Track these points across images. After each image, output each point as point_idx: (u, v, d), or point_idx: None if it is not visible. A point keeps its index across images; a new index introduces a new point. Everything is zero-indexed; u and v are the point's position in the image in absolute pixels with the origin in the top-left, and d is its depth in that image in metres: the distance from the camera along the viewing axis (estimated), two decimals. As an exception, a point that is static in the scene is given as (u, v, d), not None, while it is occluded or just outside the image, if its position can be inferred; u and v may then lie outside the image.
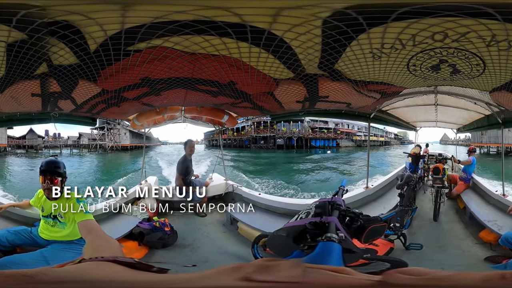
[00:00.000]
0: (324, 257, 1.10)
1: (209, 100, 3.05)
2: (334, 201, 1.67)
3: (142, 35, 1.37)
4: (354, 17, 1.19)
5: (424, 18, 1.20)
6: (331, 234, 1.22)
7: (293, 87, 2.36)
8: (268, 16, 1.20)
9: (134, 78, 2.06)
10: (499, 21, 1.17)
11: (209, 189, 5.42)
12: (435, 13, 1.14)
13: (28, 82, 2.07)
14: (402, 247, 3.47)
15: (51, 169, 2.48)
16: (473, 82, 2.19)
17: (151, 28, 1.30)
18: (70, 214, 2.39)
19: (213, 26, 1.27)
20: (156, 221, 4.05)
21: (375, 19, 1.21)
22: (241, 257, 3.47)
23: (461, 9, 1.10)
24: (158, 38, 1.41)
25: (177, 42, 1.47)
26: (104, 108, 3.16)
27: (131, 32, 1.33)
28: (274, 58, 1.65)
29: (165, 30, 1.31)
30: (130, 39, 1.42)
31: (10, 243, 2.66)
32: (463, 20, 1.20)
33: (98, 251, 1.05)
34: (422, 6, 1.11)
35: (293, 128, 37.37)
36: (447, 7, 1.10)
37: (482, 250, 3.66)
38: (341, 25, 1.24)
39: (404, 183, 4.17)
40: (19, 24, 1.24)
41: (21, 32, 1.32)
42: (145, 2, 1.17)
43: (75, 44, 1.42)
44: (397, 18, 1.20)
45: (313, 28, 1.27)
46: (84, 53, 1.53)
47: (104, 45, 1.45)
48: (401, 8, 1.11)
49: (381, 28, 1.29)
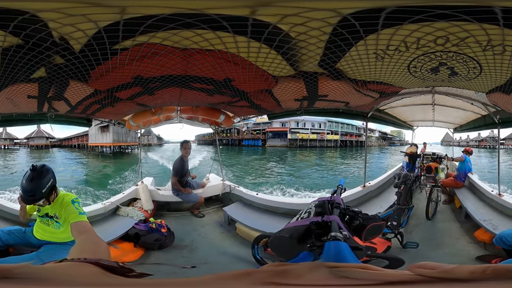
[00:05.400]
0: (338, 256, 1.09)
1: (205, 99, 3.01)
2: (334, 200, 1.66)
3: (123, 33, 1.30)
4: (372, 17, 1.17)
5: (437, 21, 1.19)
6: (336, 233, 1.22)
7: (293, 85, 2.32)
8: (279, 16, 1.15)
9: (125, 77, 2.01)
10: (498, 26, 1.19)
11: (206, 190, 5.40)
12: (450, 16, 1.13)
13: (24, 84, 2.04)
14: (398, 246, 3.49)
15: (28, 199, 2.25)
16: (470, 83, 2.21)
17: (128, 25, 1.22)
18: (64, 214, 2.35)
19: (205, 20, 1.19)
20: (153, 223, 4.01)
21: (392, 20, 1.19)
22: (240, 258, 3.45)
23: (475, 13, 1.10)
24: (142, 34, 1.32)
25: (165, 38, 1.38)
26: (98, 108, 3.12)
27: (109, 31, 1.26)
28: (276, 53, 1.60)
29: (146, 26, 1.23)
30: (112, 38, 1.35)
31: (3, 243, 2.64)
32: (466, 25, 1.21)
33: (84, 252, 1.06)
34: (440, 7, 1.10)
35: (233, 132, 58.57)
36: (465, 11, 1.09)
37: (476, 249, 3.70)
38: (357, 24, 1.22)
39: (401, 182, 4.18)
40: (14, 29, 1.20)
41: (16, 37, 1.28)
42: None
43: (55, 44, 1.36)
44: (412, 20, 1.19)
45: (326, 25, 1.23)
46: (68, 52, 1.48)
47: (89, 45, 1.40)
48: (426, 9, 1.09)
49: (392, 29, 1.28)
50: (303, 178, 18.05)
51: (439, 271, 0.44)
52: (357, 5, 1.10)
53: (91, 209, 4.12)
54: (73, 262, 0.53)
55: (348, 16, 1.16)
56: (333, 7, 1.10)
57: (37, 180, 2.21)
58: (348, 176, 18.13)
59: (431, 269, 0.44)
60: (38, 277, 0.43)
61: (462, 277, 0.42)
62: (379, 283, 0.43)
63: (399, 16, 1.16)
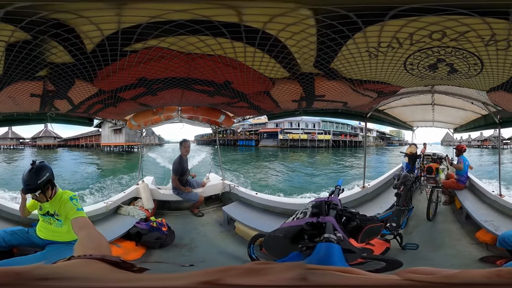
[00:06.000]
0: (325, 258, 1.09)
1: (205, 100, 3.04)
2: (331, 201, 1.67)
3: (139, 36, 1.35)
4: (349, 16, 1.17)
5: (425, 16, 1.17)
6: (329, 234, 1.21)
7: (289, 86, 2.34)
8: (263, 16, 1.18)
9: (130, 78, 2.04)
10: (506, 20, 1.15)
11: (206, 189, 5.42)
12: (440, 10, 1.11)
13: (28, 82, 2.05)
14: (398, 247, 3.48)
15: (26, 188, 2.47)
16: (470, 81, 2.17)
17: (147, 29, 1.28)
18: (64, 211, 2.42)
19: (208, 26, 1.25)
20: (154, 221, 4.04)
21: (371, 17, 1.19)
22: (237, 257, 3.47)
23: (473, 7, 1.08)
24: (154, 38, 1.39)
25: (173, 43, 1.44)
26: (101, 108, 3.14)
27: (127, 32, 1.31)
28: (269, 57, 1.63)
29: (161, 31, 1.29)
30: (126, 40, 1.40)
31: (6, 243, 2.68)
32: (465, 19, 1.17)
33: (88, 248, 1.08)
34: (424, 4, 1.09)
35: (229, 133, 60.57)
36: (460, 5, 1.07)
37: (478, 250, 3.66)
38: (335, 23, 1.22)
39: (400, 183, 4.17)
40: (24, 24, 1.22)
41: (26, 32, 1.30)
42: (142, 0, 1.15)
43: (70, 43, 1.40)
44: (395, 16, 1.17)
45: (308, 27, 1.25)
46: (80, 52, 1.50)
47: (101, 45, 1.43)
48: (400, 5, 1.09)
49: (377, 26, 1.27)
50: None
51: (439, 276, 0.42)
52: (319, 7, 1.12)
53: (93, 208, 4.15)
54: (81, 259, 0.55)
55: (320, 17, 1.17)
56: (299, 13, 1.13)
57: (34, 172, 2.45)
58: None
59: (427, 274, 0.43)
60: (55, 276, 0.44)
61: (477, 282, 0.40)
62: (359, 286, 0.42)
63: (374, 12, 1.15)
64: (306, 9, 1.13)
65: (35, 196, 2.48)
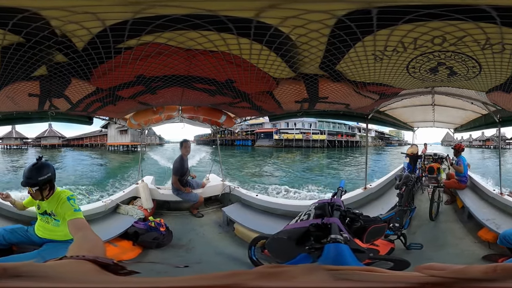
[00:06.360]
0: (338, 259, 1.06)
1: (206, 99, 3.00)
2: (334, 202, 1.64)
3: (129, 32, 1.28)
4: (365, 18, 1.16)
5: (431, 21, 1.18)
6: (336, 235, 1.19)
7: (293, 87, 2.32)
8: (288, 10, 1.12)
9: (128, 76, 2.00)
10: (496, 24, 1.17)
11: (206, 190, 5.39)
12: (444, 15, 1.12)
13: (25, 83, 2.03)
14: (402, 247, 3.47)
15: (25, 181, 2.45)
16: (469, 83, 2.20)
17: (136, 25, 1.21)
18: (61, 212, 2.40)
19: (212, 21, 1.19)
20: (152, 221, 4.00)
21: (385, 21, 1.18)
22: (236, 258, 3.43)
23: (469, 12, 1.09)
24: (148, 34, 1.33)
25: (171, 38, 1.38)
26: (99, 106, 3.11)
27: (115, 29, 1.25)
28: (276, 56, 1.59)
29: (154, 26, 1.22)
30: (117, 37, 1.34)
31: (6, 241, 2.68)
32: (462, 24, 1.20)
33: (83, 249, 1.08)
34: (432, 7, 1.09)
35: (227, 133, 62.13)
36: (457, 10, 1.08)
37: (481, 249, 3.68)
38: (352, 25, 1.21)
39: (402, 183, 4.16)
40: (15, 27, 1.19)
41: (17, 35, 1.27)
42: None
43: (55, 42, 1.34)
44: (405, 21, 1.18)
45: (324, 27, 1.22)
46: (71, 50, 1.46)
47: (92, 43, 1.38)
48: (417, 9, 1.08)
49: (388, 30, 1.28)
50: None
51: (450, 271, 0.43)
52: (348, 6, 1.09)
53: (92, 207, 4.12)
54: (72, 259, 0.56)
55: (343, 18, 1.15)
56: (327, 8, 1.09)
57: (38, 168, 2.46)
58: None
59: (440, 270, 0.43)
60: (40, 274, 0.44)
61: (476, 277, 0.41)
62: (389, 285, 0.42)
63: (392, 16, 1.15)
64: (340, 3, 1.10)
65: (31, 191, 2.47)
